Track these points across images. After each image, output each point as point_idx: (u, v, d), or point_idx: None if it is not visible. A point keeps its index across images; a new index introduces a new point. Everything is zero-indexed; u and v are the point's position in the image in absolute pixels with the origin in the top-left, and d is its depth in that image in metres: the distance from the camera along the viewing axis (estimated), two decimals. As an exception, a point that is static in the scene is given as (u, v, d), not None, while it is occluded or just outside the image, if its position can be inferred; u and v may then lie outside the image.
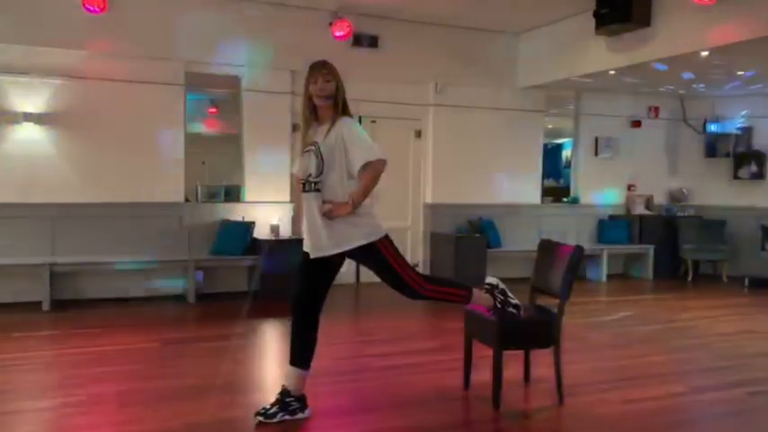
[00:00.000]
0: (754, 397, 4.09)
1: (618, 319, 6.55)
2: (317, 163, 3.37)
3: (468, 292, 3.65)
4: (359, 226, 3.39)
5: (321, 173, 3.37)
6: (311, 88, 3.41)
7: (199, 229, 7.28)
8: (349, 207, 3.33)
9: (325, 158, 3.35)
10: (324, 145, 3.36)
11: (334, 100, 3.41)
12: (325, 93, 3.40)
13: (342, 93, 3.44)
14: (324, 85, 3.40)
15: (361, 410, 3.74)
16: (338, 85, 3.42)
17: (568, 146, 10.78)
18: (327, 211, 3.36)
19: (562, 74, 8.09)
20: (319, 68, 3.43)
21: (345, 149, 3.34)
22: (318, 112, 3.47)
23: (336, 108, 3.42)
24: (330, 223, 3.37)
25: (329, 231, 3.38)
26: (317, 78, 3.40)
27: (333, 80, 3.40)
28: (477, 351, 4.06)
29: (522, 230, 8.79)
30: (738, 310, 7.14)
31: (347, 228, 3.38)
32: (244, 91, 7.55)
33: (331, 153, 3.35)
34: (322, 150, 3.36)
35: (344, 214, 3.34)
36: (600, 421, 3.65)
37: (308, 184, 3.44)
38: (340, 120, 3.39)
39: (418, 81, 8.29)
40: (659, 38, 6.72)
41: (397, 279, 3.47)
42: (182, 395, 3.92)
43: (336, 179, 3.38)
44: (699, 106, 9.66)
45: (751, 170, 9.34)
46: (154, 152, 7.09)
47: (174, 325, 5.92)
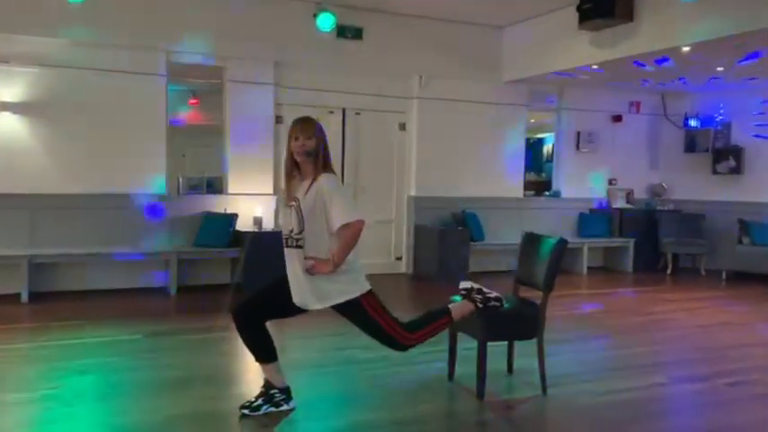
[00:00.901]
0: (733, 387, 4.16)
1: (599, 311, 6.62)
2: (297, 220, 3.35)
3: (448, 316, 3.65)
4: (341, 282, 3.37)
5: (303, 229, 3.35)
6: (292, 144, 3.36)
7: (181, 221, 7.22)
8: (330, 266, 3.30)
9: (305, 216, 3.33)
10: (304, 202, 3.34)
11: (315, 157, 3.37)
12: (305, 150, 3.35)
13: (324, 150, 3.38)
14: (304, 141, 3.35)
15: (347, 402, 3.75)
16: (319, 142, 3.36)
17: (549, 140, 10.86)
18: (309, 267, 3.34)
19: (545, 68, 8.14)
20: (301, 125, 3.38)
21: (326, 207, 3.31)
22: (300, 166, 3.45)
23: (317, 164, 3.37)
24: (312, 278, 3.35)
25: (311, 287, 3.36)
26: (299, 135, 3.36)
27: (314, 137, 3.36)
28: (461, 343, 4.09)
29: (505, 224, 8.85)
30: (716, 302, 7.25)
31: (329, 284, 3.36)
32: (227, 82, 7.50)
33: (311, 210, 3.32)
34: (302, 207, 3.34)
35: (326, 272, 3.32)
36: (583, 411, 3.70)
37: (290, 240, 3.40)
38: (321, 177, 3.35)
39: (403, 74, 8.29)
40: (642, 33, 6.78)
41: (383, 334, 3.46)
42: (165, 387, 3.90)
43: (318, 235, 3.34)
44: (679, 102, 9.77)
45: (729, 165, 9.47)
46: (135, 143, 7.02)
47: (156, 317, 5.87)
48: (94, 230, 6.81)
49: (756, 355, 5.00)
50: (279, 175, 7.79)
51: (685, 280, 8.76)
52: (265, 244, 7.09)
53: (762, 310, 6.54)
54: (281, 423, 3.41)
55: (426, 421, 3.54)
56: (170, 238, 7.13)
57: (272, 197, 7.66)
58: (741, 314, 6.55)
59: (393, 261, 8.43)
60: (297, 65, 7.71)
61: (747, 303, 7.14)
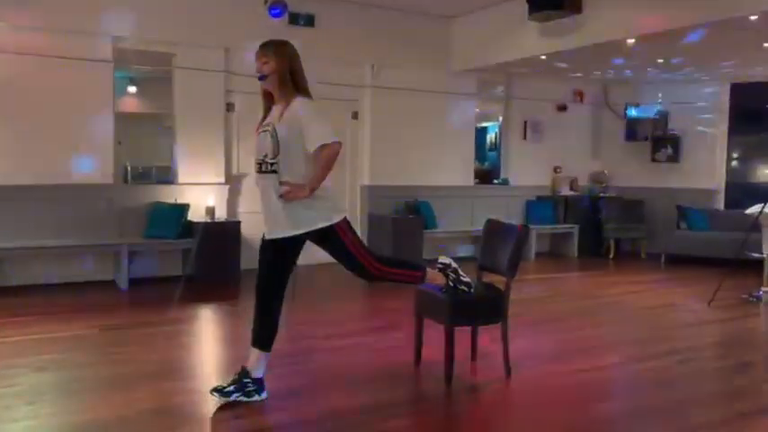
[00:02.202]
0: (683, 365, 4.38)
1: (550, 295, 6.82)
2: (272, 144, 3.33)
3: (422, 273, 3.72)
4: (316, 209, 3.37)
5: (277, 154, 3.33)
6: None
7: (130, 211, 7.03)
8: (306, 191, 3.30)
9: (280, 139, 3.31)
10: (279, 125, 3.32)
11: (280, 79, 3.34)
12: (260, 72, 3.36)
13: (289, 71, 3.35)
14: (259, 66, 3.36)
15: (315, 392, 3.75)
16: (281, 64, 3.34)
17: (493, 129, 11.05)
18: (284, 192, 3.32)
19: (495, 58, 8.27)
20: (258, 50, 3.40)
21: (301, 130, 3.30)
22: (273, 94, 3.43)
23: (287, 87, 3.35)
24: (287, 205, 3.34)
25: (286, 213, 3.35)
26: (256, 59, 3.37)
27: (270, 60, 3.34)
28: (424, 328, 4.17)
29: (457, 211, 9.00)
30: (658, 285, 7.58)
31: (305, 210, 3.35)
32: (176, 69, 7.31)
33: (286, 134, 3.31)
34: (278, 130, 3.32)
35: (302, 197, 3.31)
36: (548, 392, 3.82)
37: (264, 165, 3.39)
38: (295, 99, 3.34)
39: (355, 62, 8.27)
40: (589, 25, 6.97)
41: (353, 262, 3.50)
42: (132, 381, 3.81)
43: (293, 160, 3.33)
44: (620, 91, 10.12)
45: (667, 153, 9.88)
46: (81, 132, 6.77)
47: (109, 311, 5.70)
48: (39, 223, 6.54)
49: (702, 333, 5.27)
50: (231, 163, 7.69)
51: (627, 264, 9.11)
52: (218, 234, 7.03)
53: (701, 292, 6.85)
54: (255, 414, 3.39)
55: (396, 406, 3.59)
56: (119, 230, 6.92)
57: (225, 186, 7.54)
58: (683, 295, 6.87)
59: (346, 250, 8.44)
60: (248, 51, 7.54)
61: (687, 285, 7.49)
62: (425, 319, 4.13)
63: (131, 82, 9.61)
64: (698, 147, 9.68)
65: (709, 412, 3.55)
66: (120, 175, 7.48)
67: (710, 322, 5.68)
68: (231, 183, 7.63)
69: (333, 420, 3.33)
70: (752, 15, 5.75)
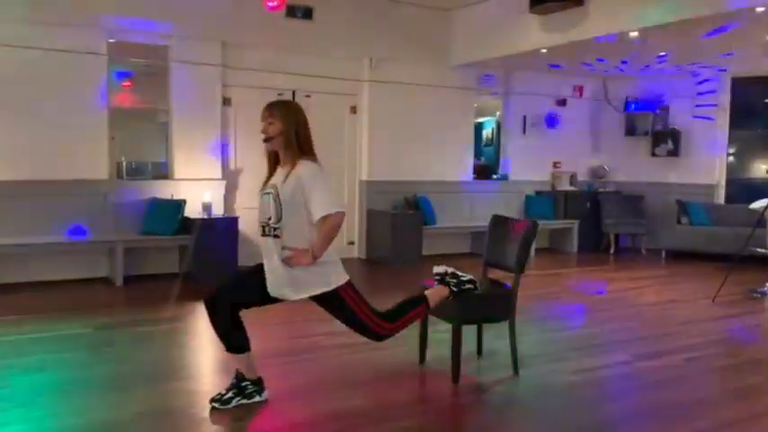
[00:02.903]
0: (691, 363, 4.31)
1: (551, 291, 6.73)
2: (275, 208, 3.21)
3: (425, 303, 3.62)
4: (320, 274, 3.26)
5: (280, 218, 3.21)
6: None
7: (126, 207, 6.90)
8: (309, 258, 3.18)
9: (284, 204, 3.19)
10: (282, 190, 3.20)
11: (286, 142, 3.22)
12: (266, 134, 3.24)
13: (295, 134, 3.22)
14: (265, 127, 3.25)
15: (319, 391, 3.66)
16: (288, 126, 3.22)
17: (489, 125, 10.95)
18: (287, 258, 3.21)
19: (495, 52, 8.16)
20: (264, 111, 3.28)
21: (305, 196, 3.18)
22: (279, 154, 3.31)
23: (292, 150, 3.23)
24: (290, 270, 3.22)
25: (289, 277, 3.23)
26: (262, 119, 3.26)
27: (276, 122, 3.22)
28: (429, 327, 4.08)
29: (455, 207, 8.92)
30: (660, 280, 7.51)
31: (308, 275, 3.24)
32: (171, 62, 7.18)
33: (290, 199, 3.18)
34: (281, 195, 3.20)
35: (305, 264, 3.20)
36: (556, 391, 3.74)
37: (267, 229, 3.26)
38: (299, 163, 3.21)
39: (353, 56, 8.16)
40: (591, 17, 6.87)
41: (361, 325, 3.38)
42: (128, 382, 3.71)
43: (296, 225, 3.21)
44: (620, 86, 10.03)
45: (667, 148, 9.80)
46: (75, 127, 6.64)
47: (105, 309, 5.60)
48: (34, 219, 6.42)
49: (707, 330, 5.19)
50: (228, 158, 7.58)
51: (627, 259, 9.04)
52: (215, 230, 6.92)
53: (703, 288, 6.80)
54: (255, 416, 3.30)
55: (402, 407, 3.50)
56: (115, 226, 6.80)
57: (221, 182, 7.42)
58: (685, 292, 6.80)
59: (345, 246, 8.32)
60: (245, 45, 7.47)
61: (689, 281, 7.43)
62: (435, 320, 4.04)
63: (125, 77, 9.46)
64: (697, 141, 9.60)
65: (720, 413, 3.47)
66: (115, 170, 7.35)
67: (716, 319, 5.61)
68: (228, 178, 7.52)
69: (337, 422, 3.24)
70: (759, 7, 5.67)
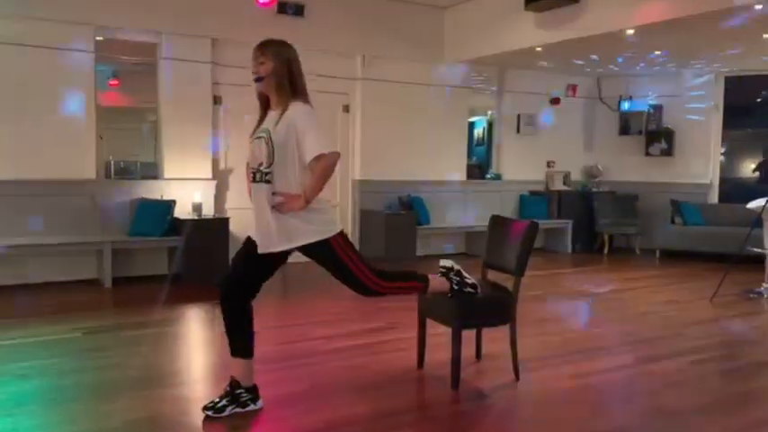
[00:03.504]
0: (697, 366, 4.23)
1: (548, 292, 6.63)
2: (267, 151, 3.09)
3: (424, 283, 3.51)
4: (312, 222, 3.13)
5: (272, 162, 3.09)
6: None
7: (114, 208, 6.75)
8: (302, 202, 3.07)
9: (276, 147, 3.07)
10: (275, 133, 3.07)
11: (277, 83, 3.10)
12: (256, 75, 3.12)
13: (287, 74, 3.10)
14: (255, 66, 3.12)
15: (316, 397, 3.54)
16: (279, 66, 3.09)
17: (480, 124, 10.85)
18: (278, 204, 3.10)
19: (489, 49, 8.07)
20: (255, 50, 3.15)
21: (298, 138, 3.06)
22: (270, 97, 3.20)
23: (284, 91, 3.10)
24: (281, 217, 3.11)
25: (280, 225, 3.11)
26: (252, 60, 3.14)
27: (268, 61, 3.09)
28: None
29: (449, 207, 8.84)
30: (657, 281, 7.45)
31: (299, 223, 3.12)
32: (161, 60, 7.03)
33: (283, 141, 3.06)
34: (273, 138, 3.08)
35: (297, 209, 3.09)
36: (560, 396, 3.64)
37: (258, 174, 3.15)
38: (292, 105, 3.09)
39: (345, 53, 8.04)
40: (587, 15, 6.79)
41: (352, 278, 3.25)
42: (118, 389, 3.57)
43: (289, 169, 3.10)
44: (613, 85, 9.98)
45: (661, 147, 9.76)
46: (62, 125, 6.49)
47: (93, 312, 5.44)
48: (18, 220, 6.26)
49: (710, 332, 5.13)
50: (218, 158, 7.44)
51: (622, 259, 8.98)
52: (205, 231, 6.78)
53: (701, 288, 6.74)
54: (250, 425, 3.18)
55: (402, 414, 3.38)
56: (103, 227, 6.64)
57: (212, 182, 7.28)
58: (683, 292, 6.73)
59: (338, 246, 8.22)
60: (235, 42, 7.31)
61: (685, 281, 7.37)
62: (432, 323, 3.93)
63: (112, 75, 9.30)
64: (691, 141, 9.57)
65: (728, 419, 3.38)
66: (103, 170, 7.20)
67: (716, 320, 5.55)
68: (219, 178, 7.38)
69: (335, 431, 3.12)
70: (758, 5, 5.60)
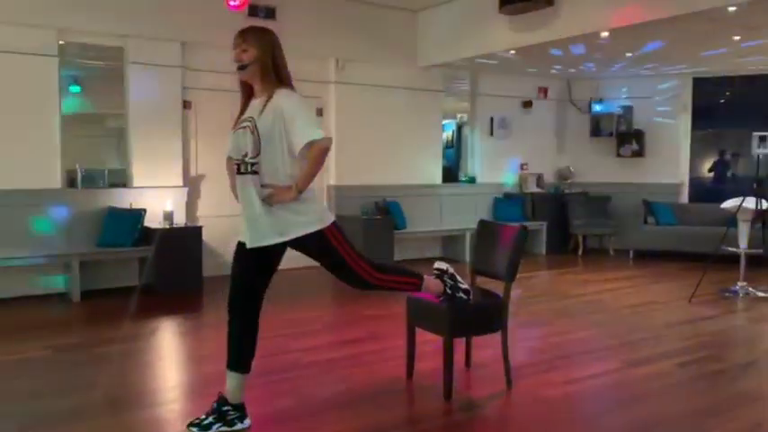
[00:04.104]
0: (685, 368, 4.21)
1: (527, 295, 6.60)
2: (253, 141, 2.96)
3: (419, 280, 3.42)
4: (304, 213, 3.02)
5: (259, 152, 2.97)
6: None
7: (81, 218, 6.50)
8: (293, 193, 2.96)
9: (262, 136, 2.95)
10: (260, 121, 2.96)
11: (262, 70, 3.00)
12: (239, 62, 3.02)
13: (271, 61, 3.01)
14: (238, 54, 3.02)
15: (304, 414, 3.41)
16: (263, 53, 3.00)
17: (449, 127, 10.78)
18: (268, 196, 2.98)
19: (463, 53, 8.02)
20: (236, 37, 3.05)
21: (285, 126, 2.95)
22: (253, 86, 3.08)
23: (269, 79, 3.01)
24: (271, 209, 2.99)
25: (271, 218, 3.00)
26: (233, 47, 3.03)
27: (251, 48, 3.00)
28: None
29: (425, 211, 8.77)
30: (633, 281, 7.48)
31: (291, 215, 3.01)
32: (128, 64, 6.81)
33: (269, 130, 2.95)
34: (258, 127, 2.96)
35: (288, 200, 2.97)
36: (554, 405, 3.57)
37: (243, 165, 3.03)
38: (277, 92, 2.99)
39: (319, 57, 7.91)
40: (562, 18, 6.79)
41: (346, 270, 3.16)
42: (93, 412, 3.38)
43: (277, 159, 2.98)
44: (584, 87, 10.04)
45: (632, 148, 9.85)
46: (25, 133, 6.23)
47: (62, 328, 5.21)
48: (-21, 232, 5.98)
49: (692, 333, 5.13)
50: (189, 165, 7.24)
51: (596, 260, 9.02)
52: (178, 241, 6.58)
53: (677, 288, 6.80)
54: (238, 444, 3.04)
55: (395, 428, 3.28)
56: (69, 239, 6.39)
57: (183, 189, 7.08)
58: (661, 293, 6.76)
59: (314, 253, 8.08)
60: (206, 45, 7.14)
61: (661, 282, 7.42)
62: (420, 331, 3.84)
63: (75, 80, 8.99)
64: (662, 141, 9.68)
65: (724, 423, 3.35)
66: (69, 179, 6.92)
67: (697, 320, 5.56)
68: (190, 185, 7.18)
69: (329, 449, 3.00)
70: (730, 6, 5.65)
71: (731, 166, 11.30)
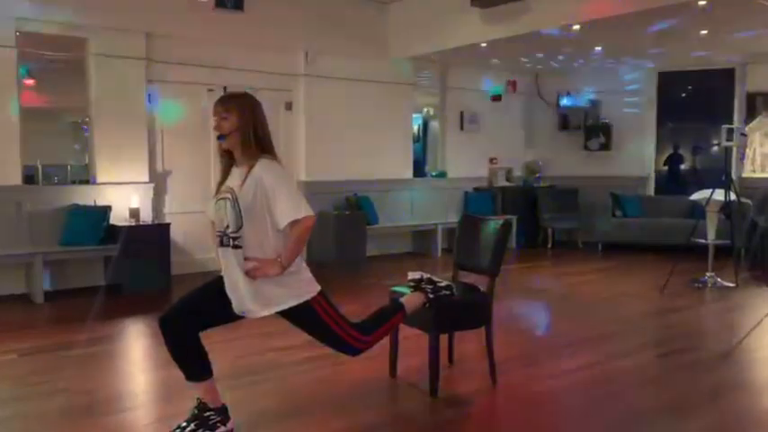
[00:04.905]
0: (664, 359, 4.24)
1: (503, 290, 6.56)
2: (234, 214, 2.81)
3: (402, 312, 3.33)
4: (288, 285, 2.89)
5: (240, 226, 2.82)
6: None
7: (43, 216, 6.25)
8: (277, 268, 2.82)
9: (243, 209, 2.80)
10: (241, 193, 2.81)
11: (242, 139, 2.84)
12: (219, 131, 2.86)
13: (252, 129, 2.85)
14: (218, 123, 2.86)
15: (287, 415, 3.31)
16: (244, 121, 2.84)
17: (416, 121, 10.73)
18: (252, 269, 2.84)
19: (434, 46, 7.97)
20: (216, 105, 2.90)
21: (268, 200, 2.81)
22: (234, 152, 2.93)
23: (250, 147, 2.85)
24: (255, 283, 2.85)
25: (255, 292, 2.86)
26: (214, 114, 2.89)
27: (232, 116, 2.84)
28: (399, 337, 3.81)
29: (396, 205, 8.70)
30: (604, 274, 7.54)
31: (275, 288, 2.88)
32: (90, 55, 6.56)
33: (250, 203, 2.80)
34: (240, 200, 2.81)
35: (272, 275, 2.84)
36: (538, 400, 3.54)
37: (225, 239, 2.87)
38: (259, 162, 2.83)
39: (288, 49, 7.75)
40: (533, 11, 6.77)
41: (335, 339, 3.05)
42: (66, 419, 3.23)
43: (260, 232, 2.84)
44: (552, 81, 10.08)
45: (599, 141, 9.94)
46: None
47: (26, 331, 4.98)
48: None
49: (668, 324, 5.18)
50: (155, 160, 7.03)
51: (566, 253, 9.08)
52: (145, 238, 6.39)
53: (648, 279, 6.87)
54: (221, 448, 2.93)
55: (382, 427, 3.21)
56: (31, 238, 6.13)
57: (149, 185, 6.87)
58: (632, 284, 6.83)
59: (284, 249, 7.95)
60: (171, 37, 6.92)
61: (631, 273, 7.50)
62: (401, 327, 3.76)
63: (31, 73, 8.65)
64: (627, 135, 9.79)
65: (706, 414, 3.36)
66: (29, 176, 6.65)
67: (670, 311, 5.62)
68: (156, 181, 6.97)
69: (316, 451, 2.91)
70: (700, 1, 5.71)
71: (684, 160, 11.58)
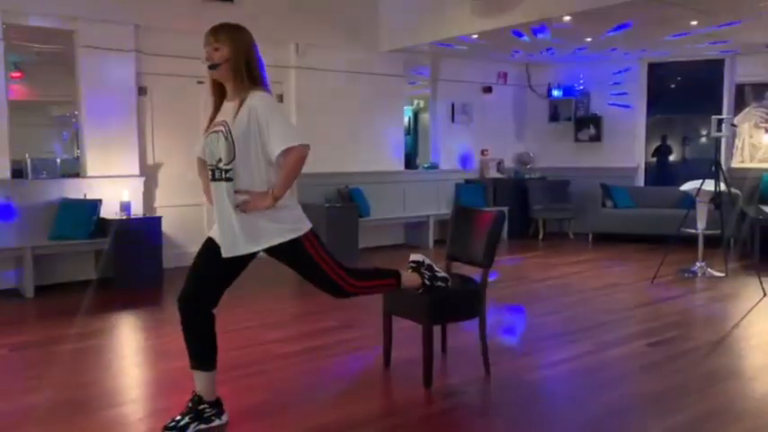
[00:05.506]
0: (655, 348, 4.26)
1: (496, 280, 6.60)
2: (226, 147, 2.80)
3: (396, 279, 3.33)
4: (280, 220, 2.88)
5: (233, 158, 2.82)
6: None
7: (33, 210, 6.20)
8: (269, 200, 2.81)
9: (236, 141, 2.80)
10: (234, 126, 2.80)
11: (234, 70, 2.83)
12: (210, 61, 2.83)
13: (245, 61, 2.84)
14: (209, 53, 2.83)
15: (282, 408, 3.30)
16: (236, 52, 2.82)
17: (406, 114, 10.75)
18: (243, 203, 2.83)
19: (425, 37, 7.95)
20: (207, 35, 2.86)
21: (261, 131, 2.80)
22: (226, 87, 2.92)
23: (242, 80, 2.83)
24: (246, 217, 2.84)
25: (245, 226, 2.85)
26: (204, 45, 2.86)
27: (223, 47, 2.81)
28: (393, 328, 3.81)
29: (388, 198, 8.70)
30: (595, 264, 7.57)
31: (266, 222, 2.86)
32: (79, 48, 6.50)
33: (243, 135, 2.79)
34: (232, 132, 2.80)
35: (264, 208, 2.83)
36: (532, 390, 3.56)
37: (217, 172, 2.87)
38: (251, 94, 2.81)
39: (278, 41, 7.71)
40: (524, 2, 6.77)
41: (325, 279, 3.04)
42: (60, 414, 3.21)
43: (252, 165, 2.83)
44: (542, 73, 10.09)
45: (590, 133, 9.98)
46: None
47: (17, 326, 4.96)
48: None
49: (659, 313, 5.21)
50: (146, 153, 6.99)
51: (557, 244, 9.11)
52: (136, 232, 6.35)
53: (638, 269, 6.92)
54: (216, 442, 2.93)
55: (375, 420, 3.20)
56: (21, 232, 6.09)
57: (140, 179, 6.83)
58: (624, 274, 6.86)
59: (276, 242, 7.93)
60: (161, 29, 6.87)
61: (622, 264, 7.54)
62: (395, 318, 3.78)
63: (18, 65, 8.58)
64: (618, 126, 9.82)
65: (698, 402, 3.39)
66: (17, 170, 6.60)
67: (661, 300, 5.66)
68: (147, 174, 6.93)
69: (311, 443, 2.91)
70: (692, -8, 5.73)
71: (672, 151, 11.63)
